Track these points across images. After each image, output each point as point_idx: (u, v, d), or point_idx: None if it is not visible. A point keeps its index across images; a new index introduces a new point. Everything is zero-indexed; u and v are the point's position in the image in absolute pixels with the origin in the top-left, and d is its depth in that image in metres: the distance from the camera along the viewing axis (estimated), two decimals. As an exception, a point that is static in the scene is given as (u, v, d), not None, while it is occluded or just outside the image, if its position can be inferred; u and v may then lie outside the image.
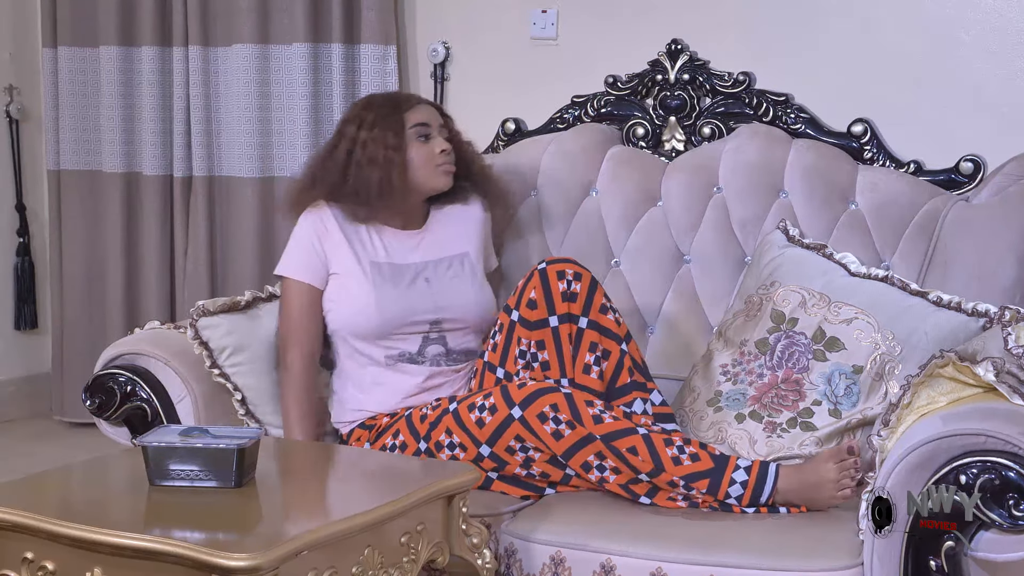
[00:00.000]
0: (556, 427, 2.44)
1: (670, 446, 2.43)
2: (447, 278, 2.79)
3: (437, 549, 2.16)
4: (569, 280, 2.59)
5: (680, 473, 2.42)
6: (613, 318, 2.62)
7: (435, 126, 2.81)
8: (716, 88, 3.15)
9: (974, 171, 2.92)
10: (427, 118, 2.81)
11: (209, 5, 3.98)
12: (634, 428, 2.44)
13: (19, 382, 4.57)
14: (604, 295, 2.63)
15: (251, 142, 3.94)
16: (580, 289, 2.59)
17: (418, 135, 2.79)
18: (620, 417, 2.46)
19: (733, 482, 2.41)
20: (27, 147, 4.50)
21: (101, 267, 4.29)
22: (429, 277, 2.77)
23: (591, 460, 2.44)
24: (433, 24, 3.73)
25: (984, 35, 3.02)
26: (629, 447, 2.42)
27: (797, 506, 2.43)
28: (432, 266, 2.79)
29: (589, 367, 2.58)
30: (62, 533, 1.92)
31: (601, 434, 2.43)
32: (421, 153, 2.78)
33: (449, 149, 2.81)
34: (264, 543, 1.85)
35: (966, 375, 2.24)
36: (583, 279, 2.60)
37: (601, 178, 3.12)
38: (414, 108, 2.81)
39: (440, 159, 2.79)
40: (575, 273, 2.60)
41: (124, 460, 2.36)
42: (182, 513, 2.01)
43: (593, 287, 2.61)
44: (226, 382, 2.70)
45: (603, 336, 2.60)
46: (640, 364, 2.64)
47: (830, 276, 2.69)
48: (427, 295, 2.74)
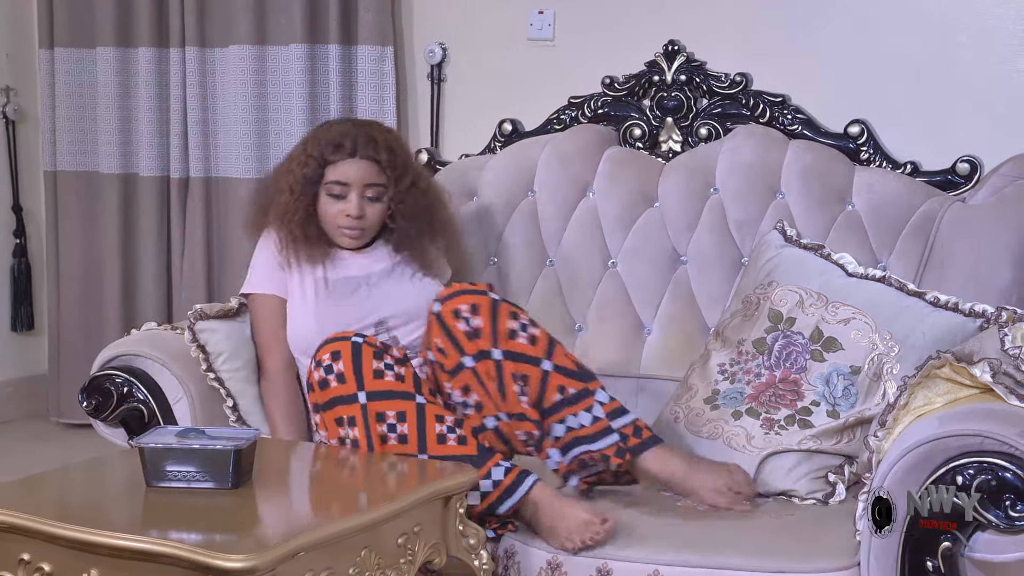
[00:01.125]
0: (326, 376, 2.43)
1: (440, 423, 2.42)
2: (388, 283, 2.76)
3: (434, 550, 2.16)
4: (467, 317, 2.49)
5: (439, 453, 2.39)
6: (526, 338, 2.51)
7: (357, 186, 2.71)
8: (713, 89, 3.16)
9: (971, 172, 2.93)
10: (348, 177, 2.71)
11: (206, 6, 3.98)
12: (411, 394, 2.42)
13: (16, 383, 4.57)
14: (509, 314, 2.52)
15: (248, 143, 3.94)
16: (482, 323, 2.48)
17: (329, 192, 2.72)
18: (468, 438, 2.44)
19: (487, 477, 2.38)
20: (24, 148, 4.50)
21: (98, 268, 4.29)
22: (370, 283, 2.75)
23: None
24: (430, 25, 3.73)
25: (981, 36, 3.02)
26: (399, 411, 2.40)
27: (537, 529, 2.37)
28: (375, 276, 2.76)
29: (518, 396, 2.50)
30: (59, 534, 1.91)
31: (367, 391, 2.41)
32: (328, 210, 2.73)
33: (357, 215, 2.71)
34: (261, 544, 1.85)
35: (963, 376, 2.24)
36: (481, 309, 2.49)
37: (598, 179, 3.12)
38: (339, 163, 2.72)
39: (343, 222, 2.73)
40: (471, 307, 2.49)
41: (121, 461, 2.35)
42: (179, 514, 2.01)
43: (494, 313, 2.50)
44: (220, 387, 2.70)
45: (519, 363, 2.49)
46: (573, 369, 2.53)
47: (828, 276, 2.70)
48: (367, 300, 2.72)
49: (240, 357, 2.75)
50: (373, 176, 2.73)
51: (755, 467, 2.54)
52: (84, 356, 4.07)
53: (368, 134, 2.75)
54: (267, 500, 2.13)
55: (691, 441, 2.64)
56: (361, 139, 2.73)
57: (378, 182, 2.73)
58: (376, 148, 2.73)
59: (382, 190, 2.74)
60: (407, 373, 2.46)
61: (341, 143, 2.73)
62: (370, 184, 2.72)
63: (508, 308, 2.54)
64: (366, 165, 2.72)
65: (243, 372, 2.75)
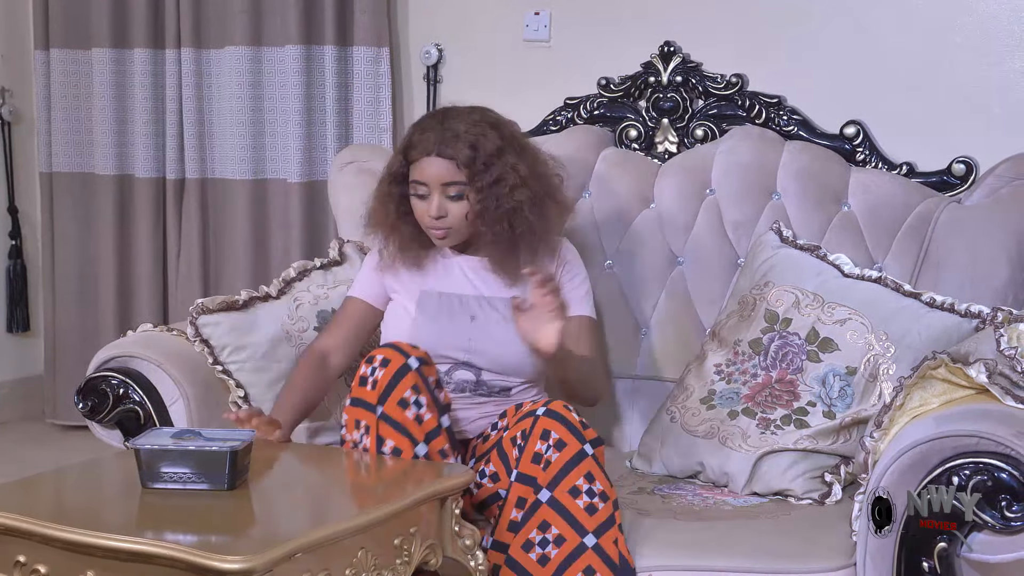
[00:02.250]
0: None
1: None
2: (492, 320, 2.62)
3: (430, 551, 2.16)
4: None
5: None
6: (585, 504, 2.29)
7: (435, 185, 2.56)
8: (709, 90, 3.16)
9: (966, 173, 2.93)
10: (425, 176, 2.57)
11: (201, 7, 3.98)
12: None
13: (11, 385, 4.56)
14: (585, 475, 2.30)
15: (244, 144, 3.94)
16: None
17: (415, 192, 2.61)
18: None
19: None
20: (19, 149, 4.50)
21: (94, 270, 4.29)
22: (475, 315, 2.63)
23: None
24: (426, 26, 3.74)
25: (976, 37, 3.02)
26: (396, 447, 2.35)
27: None
28: (484, 303, 2.64)
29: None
30: (55, 536, 1.91)
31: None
32: (417, 208, 2.62)
33: (436, 215, 2.57)
34: (258, 545, 1.84)
35: (959, 376, 2.24)
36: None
37: (594, 180, 3.12)
38: (418, 162, 2.58)
39: (427, 222, 2.60)
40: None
41: (116, 463, 2.35)
42: (175, 516, 2.00)
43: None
44: (228, 378, 2.72)
45: (560, 519, 2.29)
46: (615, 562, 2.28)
47: (824, 277, 2.70)
48: (466, 329, 2.61)
49: (246, 349, 2.75)
50: (451, 175, 2.56)
51: (751, 466, 2.54)
52: (80, 358, 4.07)
53: (453, 129, 2.57)
54: (263, 501, 2.13)
55: (687, 440, 2.64)
56: (439, 135, 2.56)
57: (456, 180, 2.56)
58: (456, 145, 2.55)
59: (463, 187, 2.56)
60: (429, 419, 2.37)
61: (419, 141, 2.59)
62: (448, 183, 2.56)
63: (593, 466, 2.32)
64: (441, 163, 2.56)
65: (249, 363, 2.75)
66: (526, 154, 2.64)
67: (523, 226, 2.59)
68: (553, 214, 2.66)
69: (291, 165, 3.87)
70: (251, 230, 3.97)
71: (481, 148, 2.56)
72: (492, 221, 2.58)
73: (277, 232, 3.94)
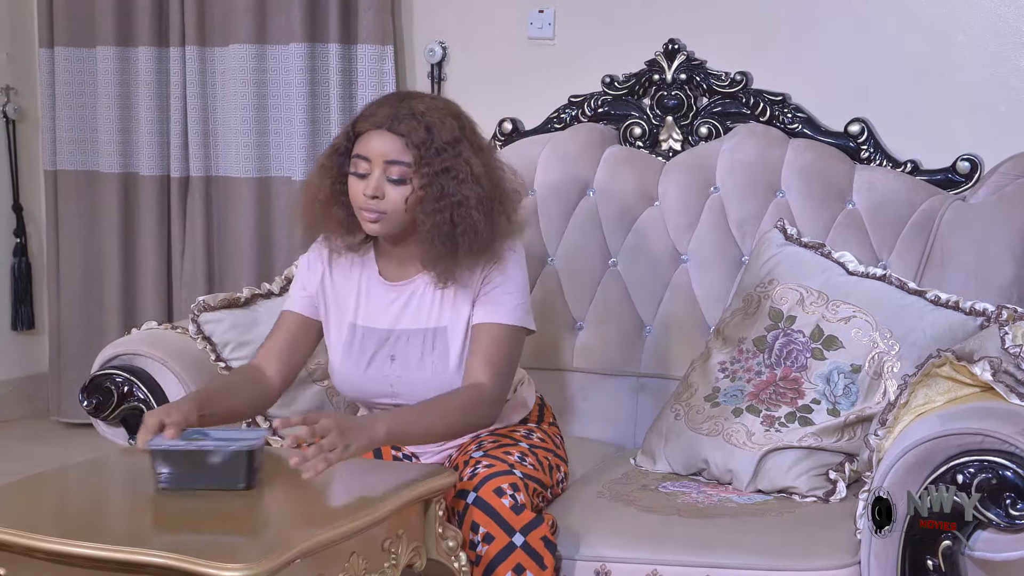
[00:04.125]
0: None
1: None
2: (412, 361, 2.43)
3: (415, 553, 2.13)
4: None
5: None
6: (511, 505, 2.26)
7: (377, 162, 2.32)
8: (713, 88, 3.15)
9: (971, 170, 2.93)
10: (369, 151, 2.33)
11: (206, 5, 3.98)
12: None
13: (16, 383, 4.57)
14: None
15: (248, 142, 3.94)
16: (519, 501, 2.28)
17: (354, 169, 2.35)
18: None
19: None
20: (24, 147, 4.50)
21: (98, 267, 4.29)
22: (395, 354, 2.44)
23: None
24: (430, 24, 3.73)
25: (981, 35, 3.02)
26: None
27: None
28: (402, 340, 2.44)
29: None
30: (36, 547, 1.86)
31: None
32: (353, 188, 2.36)
33: (372, 194, 2.32)
34: (256, 553, 1.81)
35: (963, 374, 2.24)
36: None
37: (598, 178, 3.12)
38: (365, 135, 2.35)
39: (361, 202, 2.34)
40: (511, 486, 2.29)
41: (113, 463, 2.33)
42: (172, 518, 1.99)
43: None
44: None
45: (486, 517, 2.27)
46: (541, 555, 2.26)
47: (828, 274, 2.69)
48: (385, 376, 2.44)
49: (249, 346, 2.75)
50: (397, 152, 2.32)
51: (755, 463, 2.54)
52: (84, 355, 4.09)
53: (411, 108, 2.34)
54: (254, 508, 2.07)
55: (691, 437, 2.64)
56: (394, 110, 2.34)
57: (401, 160, 2.32)
58: (410, 123, 2.32)
59: (406, 170, 2.32)
60: None
61: (371, 112, 2.36)
62: (392, 161, 2.32)
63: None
64: (389, 139, 2.32)
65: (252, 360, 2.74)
66: (483, 154, 2.42)
67: (465, 223, 2.34)
68: (502, 221, 2.41)
69: (295, 163, 3.88)
70: (255, 228, 3.97)
71: (437, 132, 2.33)
72: (433, 211, 2.33)
73: (281, 230, 3.95)
